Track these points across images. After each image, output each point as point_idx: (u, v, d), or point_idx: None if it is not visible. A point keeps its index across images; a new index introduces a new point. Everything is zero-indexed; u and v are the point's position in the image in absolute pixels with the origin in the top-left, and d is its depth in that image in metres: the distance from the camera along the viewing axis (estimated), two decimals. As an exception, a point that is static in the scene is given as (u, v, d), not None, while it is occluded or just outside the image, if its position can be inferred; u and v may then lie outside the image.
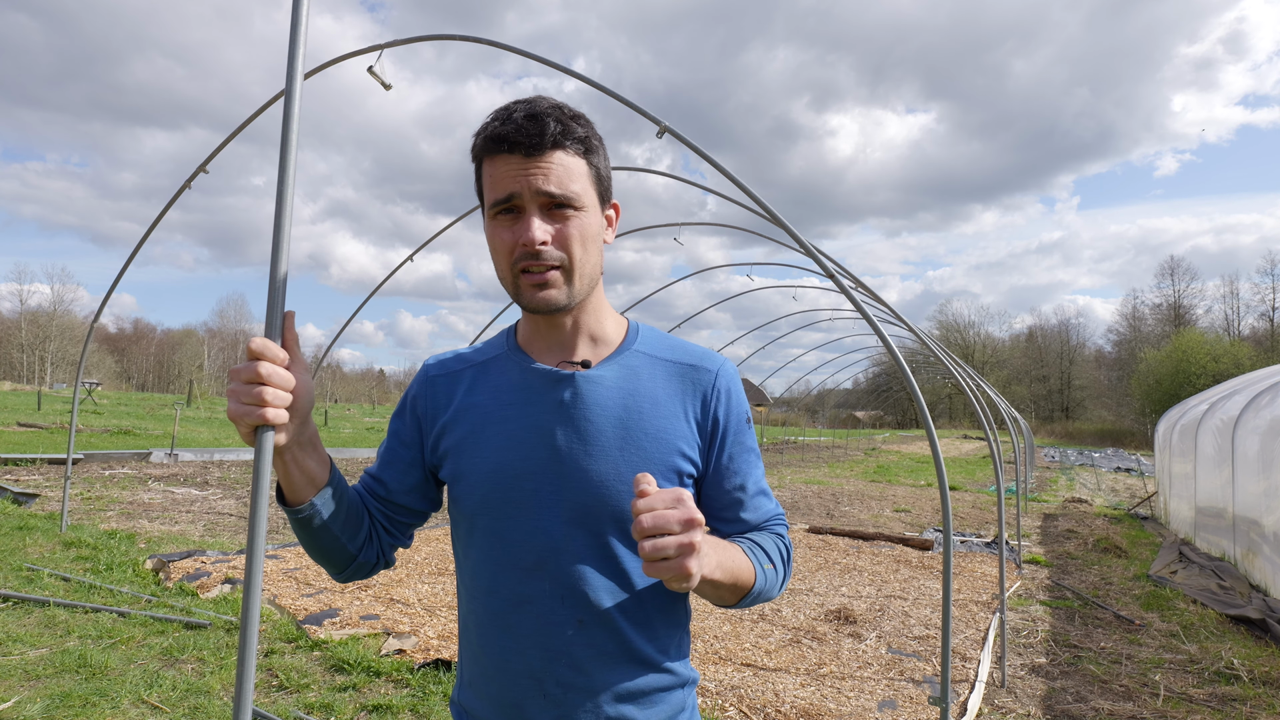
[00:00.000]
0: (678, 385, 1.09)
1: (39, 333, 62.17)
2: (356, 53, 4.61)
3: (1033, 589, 6.82)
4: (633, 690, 1.05)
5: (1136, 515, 12.31)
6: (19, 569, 5.48)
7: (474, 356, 1.17)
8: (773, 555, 1.10)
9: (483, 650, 1.06)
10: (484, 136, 1.00)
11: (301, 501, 1.00)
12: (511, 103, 1.02)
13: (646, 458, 1.04)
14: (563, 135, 0.99)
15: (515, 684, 1.03)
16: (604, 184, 1.07)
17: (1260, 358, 41.48)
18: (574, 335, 1.09)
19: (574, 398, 1.05)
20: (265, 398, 0.85)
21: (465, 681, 1.11)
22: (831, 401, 54.03)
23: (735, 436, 1.12)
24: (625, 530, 1.03)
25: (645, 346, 1.12)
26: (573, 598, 1.02)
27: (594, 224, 1.04)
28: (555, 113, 0.99)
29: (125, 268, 6.65)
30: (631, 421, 1.05)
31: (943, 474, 3.08)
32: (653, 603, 1.06)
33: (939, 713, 3.41)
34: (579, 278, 1.02)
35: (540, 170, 0.98)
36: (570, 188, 0.99)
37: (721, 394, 1.11)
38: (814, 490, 14.44)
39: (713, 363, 1.13)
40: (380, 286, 7.17)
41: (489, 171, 1.01)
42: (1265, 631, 5.51)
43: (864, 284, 5.11)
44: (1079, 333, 72.94)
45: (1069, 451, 35.95)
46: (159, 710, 3.42)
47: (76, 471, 11.16)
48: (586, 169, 1.02)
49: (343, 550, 1.07)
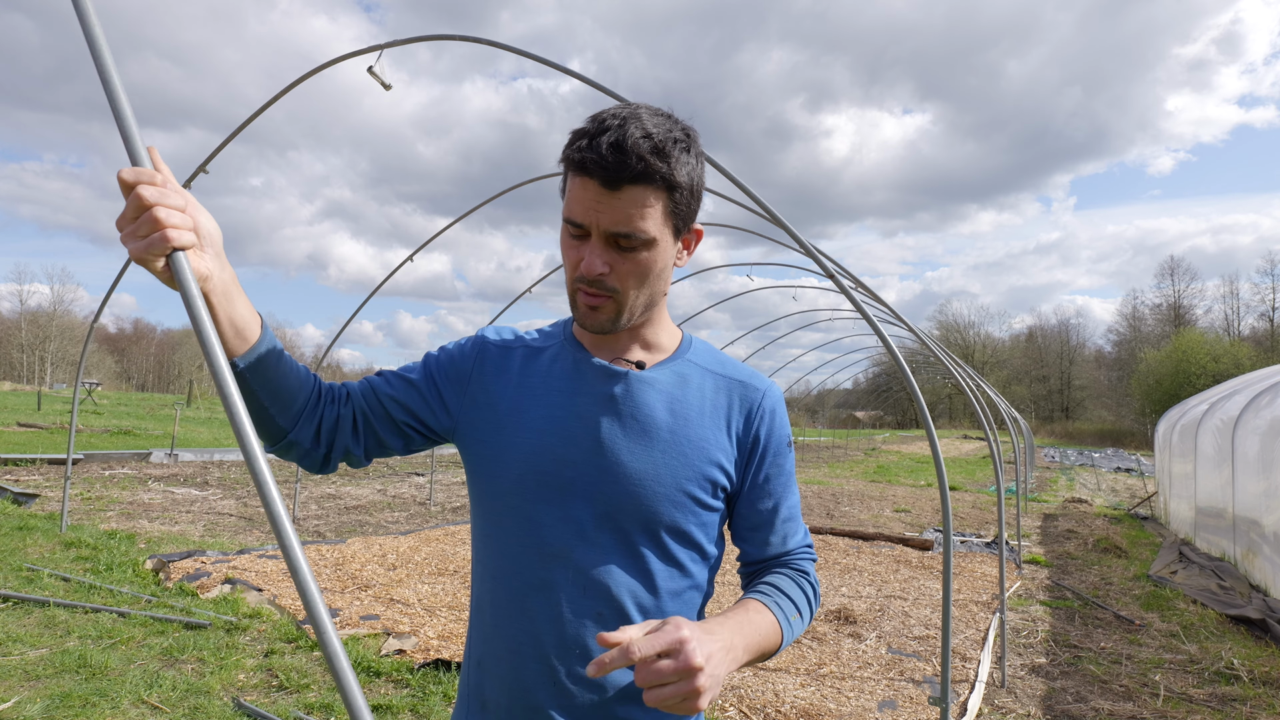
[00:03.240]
0: (725, 399, 1.11)
1: (39, 333, 62.13)
2: (356, 53, 4.61)
3: (1033, 589, 6.83)
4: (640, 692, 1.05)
5: (1136, 515, 12.31)
6: (19, 569, 5.48)
7: (529, 340, 1.17)
8: (799, 603, 1.09)
9: (496, 631, 1.06)
10: (569, 156, 0.98)
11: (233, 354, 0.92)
12: (609, 117, 0.97)
13: (686, 463, 1.05)
14: (644, 174, 0.95)
15: (526, 668, 1.02)
16: (682, 216, 1.04)
17: (1260, 358, 41.47)
18: (629, 341, 1.11)
19: (625, 394, 1.06)
20: (160, 217, 0.77)
21: (474, 660, 1.11)
22: (831, 401, 54.05)
23: (774, 458, 1.13)
24: (653, 532, 1.04)
25: (697, 358, 1.14)
26: (594, 590, 1.02)
27: (660, 259, 1.02)
28: (643, 144, 0.94)
29: (125, 268, 6.64)
30: (677, 426, 1.06)
31: (943, 474, 3.08)
32: (672, 607, 1.06)
33: (939, 713, 3.41)
34: (630, 309, 1.04)
35: (610, 209, 0.96)
36: (637, 225, 0.97)
37: (766, 413, 1.13)
38: (814, 490, 14.44)
39: (761, 383, 1.15)
40: (380, 287, 7.17)
41: (571, 187, 1.00)
42: (1265, 631, 5.51)
43: (863, 284, 5.11)
44: (1079, 333, 72.99)
45: (1069, 451, 35.95)
46: (159, 710, 3.42)
47: (76, 472, 11.16)
48: (663, 205, 0.99)
49: (273, 422, 1.00)
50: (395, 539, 7.47)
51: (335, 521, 8.50)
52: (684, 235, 1.07)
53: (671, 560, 1.05)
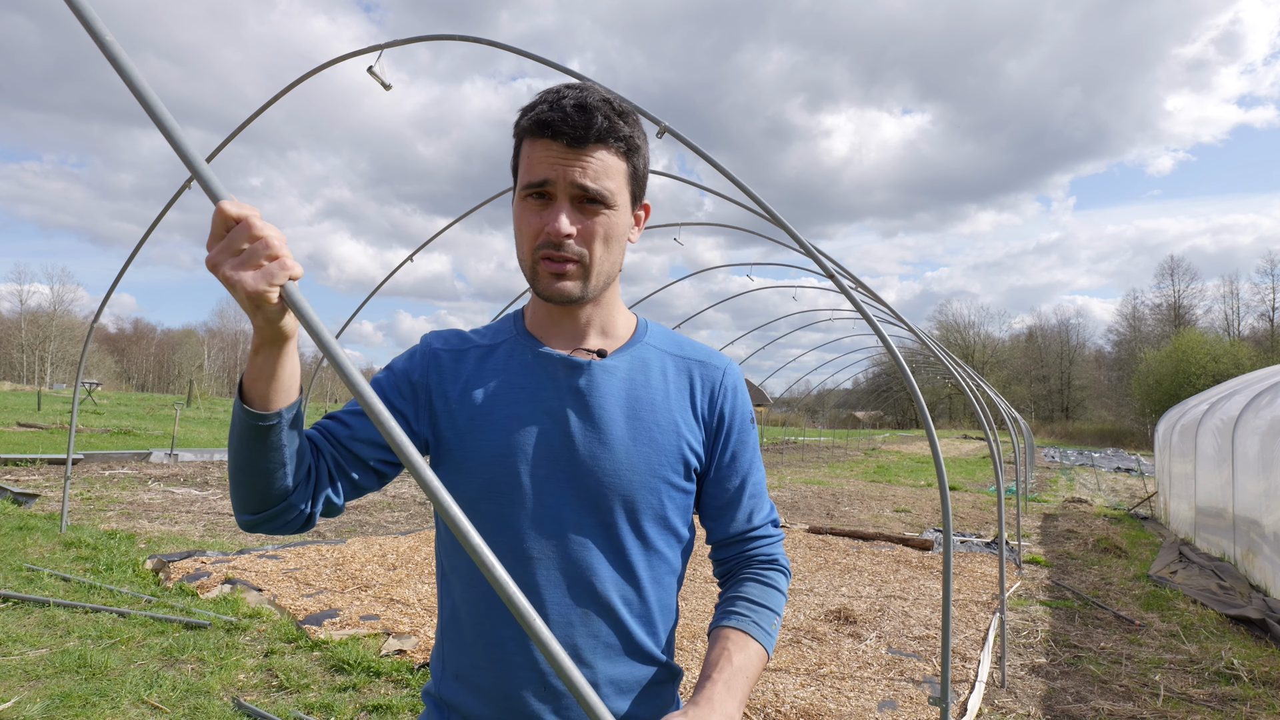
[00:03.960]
0: (687, 380, 1.11)
1: (39, 333, 62.15)
2: (356, 53, 4.61)
3: (1033, 589, 6.82)
4: (632, 683, 1.05)
5: (1136, 515, 12.31)
6: (19, 569, 5.48)
7: (478, 338, 1.13)
8: (775, 604, 1.11)
9: (478, 641, 1.03)
10: (531, 118, 0.98)
11: (272, 408, 0.86)
12: (564, 87, 1.00)
13: (658, 448, 1.05)
14: (608, 132, 0.98)
15: (515, 675, 1.01)
16: (639, 184, 1.06)
17: (1260, 358, 41.47)
18: (587, 326, 1.09)
19: (589, 385, 1.05)
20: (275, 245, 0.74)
21: (450, 674, 1.07)
22: (831, 401, 54.02)
23: (740, 435, 1.14)
24: (635, 521, 1.03)
25: (655, 341, 1.14)
26: (579, 588, 1.01)
27: (622, 223, 1.03)
28: (605, 107, 0.98)
29: (125, 268, 6.65)
30: (644, 412, 1.06)
31: (943, 474, 3.08)
32: (654, 596, 1.06)
33: (939, 713, 3.41)
34: (596, 274, 1.02)
35: (579, 163, 0.97)
36: (605, 185, 0.99)
37: (729, 391, 1.13)
38: (814, 490, 14.44)
39: (720, 361, 1.15)
40: (380, 287, 7.17)
41: (528, 153, 1.00)
42: (1265, 631, 5.51)
43: (863, 284, 5.11)
44: (1078, 333, 73.04)
45: (1069, 451, 35.94)
46: (159, 710, 3.42)
47: (76, 472, 11.15)
48: (625, 168, 1.02)
49: (282, 482, 0.92)
50: (395, 539, 7.47)
51: (335, 521, 8.50)
52: (637, 209, 1.08)
53: (651, 548, 1.05)
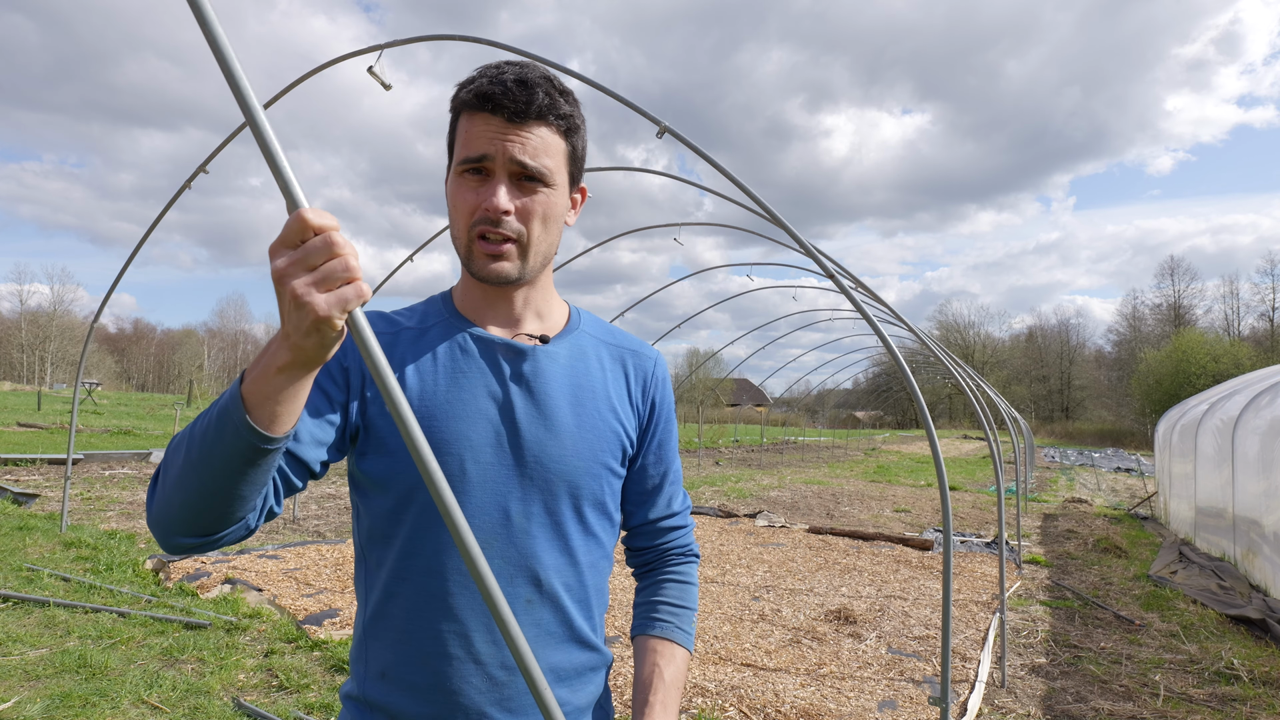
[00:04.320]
0: (621, 369, 1.13)
1: (39, 333, 62.15)
2: (356, 53, 4.61)
3: (1033, 589, 6.82)
4: (571, 671, 1.05)
5: (1136, 515, 12.31)
6: (19, 569, 5.48)
7: (406, 321, 1.06)
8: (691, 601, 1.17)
9: (412, 636, 0.99)
10: (470, 91, 0.96)
11: (282, 431, 0.79)
12: (504, 63, 0.98)
13: (599, 435, 1.06)
14: (549, 108, 0.96)
15: (455, 669, 0.98)
16: (578, 165, 1.05)
17: (1260, 358, 41.47)
18: (524, 309, 1.07)
19: (534, 371, 1.04)
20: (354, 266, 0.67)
21: (374, 673, 1.01)
22: (831, 401, 54.01)
23: (666, 424, 1.17)
24: (578, 507, 1.04)
25: (590, 329, 1.14)
26: (522, 576, 1.00)
27: (560, 203, 1.02)
28: (546, 84, 0.97)
29: (125, 268, 6.65)
30: (585, 399, 1.06)
31: (943, 474, 3.08)
32: (591, 582, 1.07)
33: (939, 713, 3.41)
34: (534, 254, 1.00)
35: (519, 139, 0.95)
36: (544, 162, 0.97)
37: (660, 381, 1.17)
38: (814, 490, 14.44)
39: (651, 351, 1.18)
40: (380, 287, 7.16)
41: (466, 126, 0.97)
42: (1265, 631, 5.51)
43: (863, 284, 5.11)
44: (1078, 333, 73.03)
45: (1069, 451, 35.94)
46: (159, 710, 3.42)
47: (76, 472, 11.15)
48: (564, 147, 1.00)
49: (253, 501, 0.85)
50: (395, 539, 7.47)
51: (335, 521, 8.49)
52: (574, 191, 1.07)
53: (590, 533, 1.06)
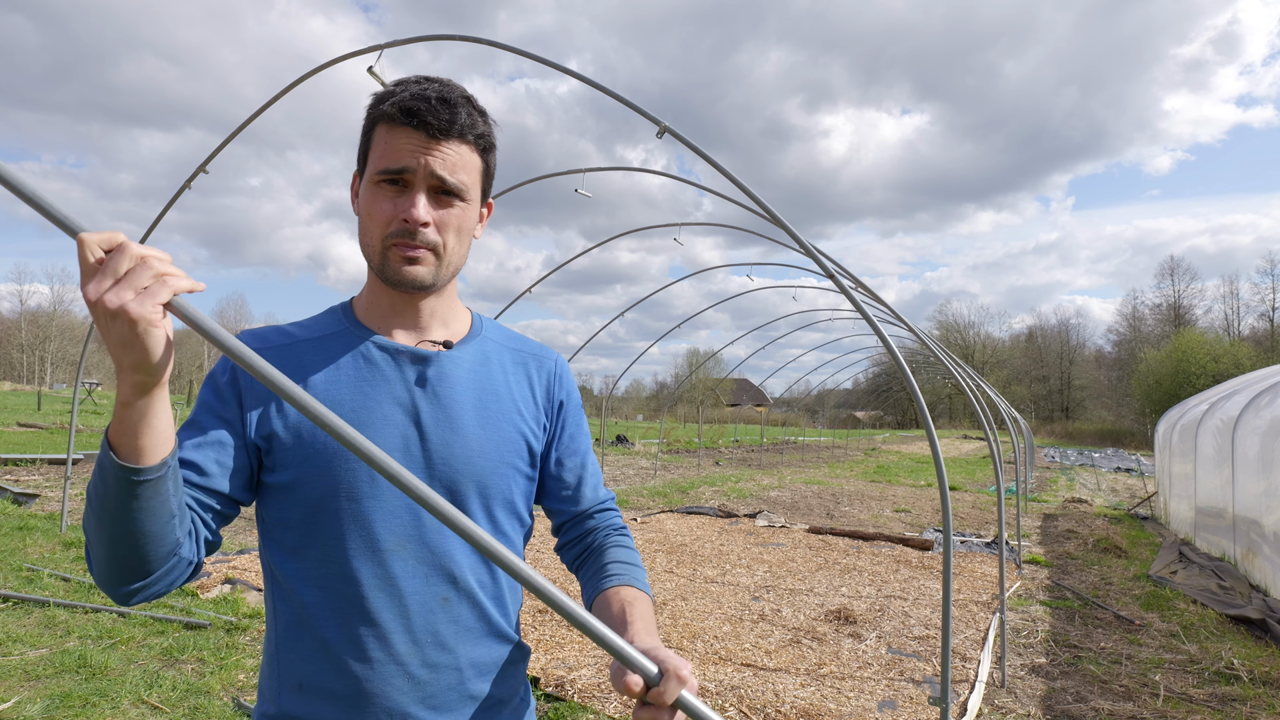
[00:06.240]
0: (524, 372, 1.18)
1: (39, 333, 62.16)
2: (355, 53, 4.61)
3: (1033, 589, 6.82)
4: (490, 664, 1.07)
5: (1136, 515, 12.31)
6: (19, 569, 5.48)
7: (303, 333, 1.08)
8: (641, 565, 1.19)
9: (329, 644, 0.99)
10: (394, 104, 0.98)
11: (156, 459, 0.79)
12: (424, 79, 1.02)
13: (504, 437, 1.10)
14: (469, 127, 1.01)
15: (376, 673, 0.99)
16: (489, 181, 1.11)
17: (1260, 358, 41.48)
18: (430, 317, 1.10)
19: (439, 375, 1.07)
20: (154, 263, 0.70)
21: (292, 686, 1.01)
22: (831, 401, 53.98)
23: (574, 416, 1.23)
24: (488, 508, 1.07)
25: (493, 335, 1.19)
26: (438, 575, 1.02)
27: (471, 217, 1.07)
28: (466, 105, 1.02)
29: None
30: (490, 402, 1.10)
31: (943, 474, 3.08)
32: (505, 578, 1.10)
33: (939, 713, 3.41)
34: (447, 264, 1.05)
35: (439, 154, 0.99)
36: (461, 178, 1.01)
37: (563, 379, 1.23)
38: (814, 490, 14.44)
39: (551, 354, 1.24)
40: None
41: (385, 138, 1.00)
42: (1265, 631, 5.51)
43: (863, 284, 5.11)
44: (1078, 333, 73.04)
45: (1069, 451, 35.94)
46: (159, 710, 3.42)
47: (76, 472, 11.15)
48: (480, 164, 1.06)
49: (172, 535, 0.85)
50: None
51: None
52: (483, 205, 1.12)
53: (500, 531, 1.09)
